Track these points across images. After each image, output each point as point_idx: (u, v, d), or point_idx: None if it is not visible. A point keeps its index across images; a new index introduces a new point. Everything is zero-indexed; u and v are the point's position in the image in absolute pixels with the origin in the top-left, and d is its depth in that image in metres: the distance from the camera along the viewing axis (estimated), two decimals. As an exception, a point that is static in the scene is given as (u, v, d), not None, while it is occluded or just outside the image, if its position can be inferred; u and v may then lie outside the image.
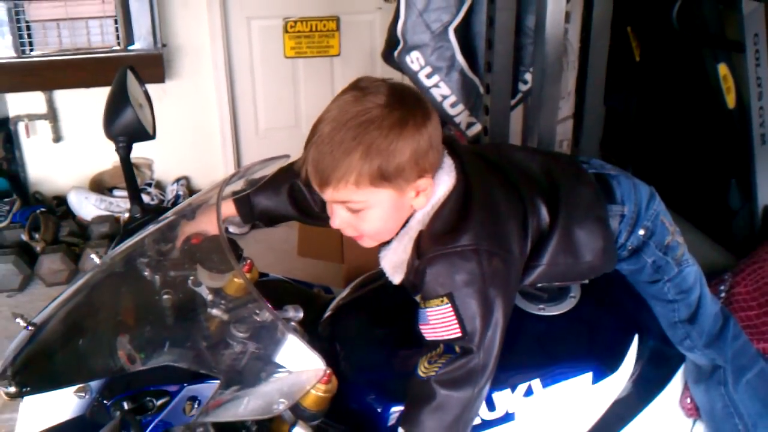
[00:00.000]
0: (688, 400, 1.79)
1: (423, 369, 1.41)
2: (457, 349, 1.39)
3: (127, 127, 1.64)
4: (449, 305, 1.37)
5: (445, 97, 2.83)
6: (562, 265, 1.55)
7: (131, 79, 1.71)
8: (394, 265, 1.48)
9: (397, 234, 1.46)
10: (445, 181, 1.42)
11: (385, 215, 1.40)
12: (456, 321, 1.37)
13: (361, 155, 1.29)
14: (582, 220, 1.55)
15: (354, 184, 1.33)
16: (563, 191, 1.55)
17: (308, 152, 1.35)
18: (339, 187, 1.33)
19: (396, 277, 1.49)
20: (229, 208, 1.67)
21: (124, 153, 1.67)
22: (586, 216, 1.55)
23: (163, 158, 4.26)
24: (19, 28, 3.67)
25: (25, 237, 3.69)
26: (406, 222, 1.44)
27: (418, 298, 1.44)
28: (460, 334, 1.37)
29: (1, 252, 3.56)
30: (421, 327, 1.42)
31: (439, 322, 1.39)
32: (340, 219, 1.41)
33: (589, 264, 1.59)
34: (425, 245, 1.41)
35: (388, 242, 1.48)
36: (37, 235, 3.69)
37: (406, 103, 1.34)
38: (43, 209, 3.87)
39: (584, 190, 1.59)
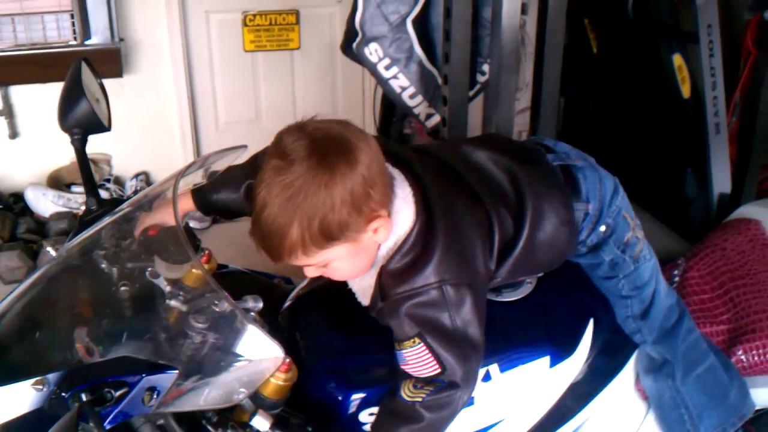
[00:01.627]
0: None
1: (408, 393, 1.42)
2: (444, 379, 1.40)
3: (81, 118, 1.62)
4: (422, 344, 1.38)
5: (404, 89, 2.84)
6: (521, 271, 1.57)
7: (86, 72, 1.69)
8: (362, 288, 1.47)
9: None
10: (404, 213, 1.38)
11: (350, 263, 1.38)
12: (433, 358, 1.38)
13: (298, 229, 1.26)
14: (546, 227, 1.54)
15: (304, 255, 1.31)
16: (529, 200, 1.52)
17: (256, 236, 1.33)
18: (293, 260, 1.33)
19: (364, 301, 1.48)
20: (187, 201, 1.65)
21: (80, 145, 1.65)
22: (551, 222, 1.54)
23: (121, 154, 4.21)
24: (-27, 24, 3.61)
25: (-19, 234, 3.64)
26: None
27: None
28: (439, 370, 1.39)
29: (-43, 250, 3.50)
30: (402, 366, 1.43)
31: (416, 361, 1.40)
32: (311, 272, 1.41)
33: (547, 264, 1.62)
34: (387, 283, 1.39)
35: None
36: (-7, 233, 3.64)
37: (328, 157, 1.26)
38: (-1, 206, 3.82)
39: (551, 196, 1.56)
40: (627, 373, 1.80)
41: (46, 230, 3.82)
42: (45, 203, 3.92)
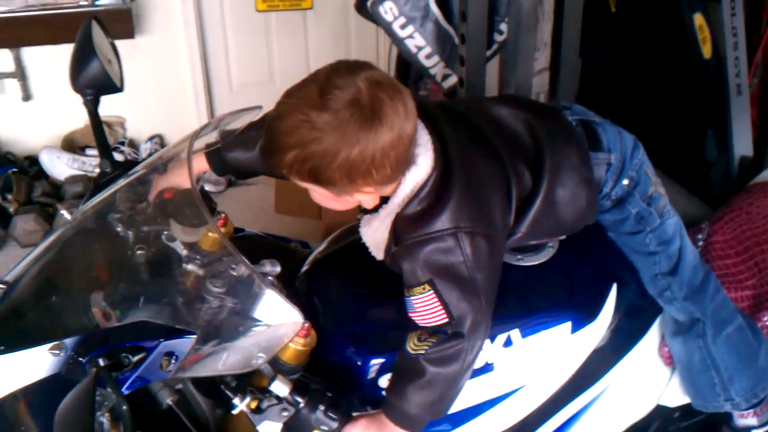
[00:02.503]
0: (667, 349, 1.79)
1: (412, 346, 1.40)
2: (448, 330, 1.38)
3: (93, 79, 1.60)
4: (431, 292, 1.36)
5: (420, 48, 2.79)
6: (543, 228, 1.54)
7: (97, 31, 1.66)
8: (375, 242, 1.46)
9: (376, 210, 1.42)
10: (423, 159, 1.36)
11: (326, 202, 1.38)
12: (441, 307, 1.36)
13: (292, 157, 1.26)
14: (566, 183, 1.52)
15: (288, 173, 1.31)
16: (548, 153, 1.51)
17: (265, 130, 1.31)
18: (278, 170, 1.31)
19: (378, 254, 1.47)
20: (201, 162, 1.63)
21: (92, 106, 1.63)
22: (570, 178, 1.52)
23: (135, 116, 4.18)
24: (-17, -16, 3.57)
25: (-4, 198, 3.63)
26: (387, 200, 1.40)
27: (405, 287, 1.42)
28: (446, 320, 1.37)
29: (-28, 214, 3.50)
30: (409, 314, 1.41)
31: (424, 309, 1.38)
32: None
33: (569, 223, 1.58)
34: (402, 229, 1.38)
35: (369, 215, 1.45)
36: (9, 196, 3.63)
37: (355, 122, 1.23)
38: (14, 169, 3.79)
39: (569, 150, 1.55)
40: (651, 338, 1.78)
41: (61, 193, 3.81)
42: (60, 166, 3.90)
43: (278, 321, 1.32)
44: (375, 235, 1.44)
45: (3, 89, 3.95)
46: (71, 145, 4.04)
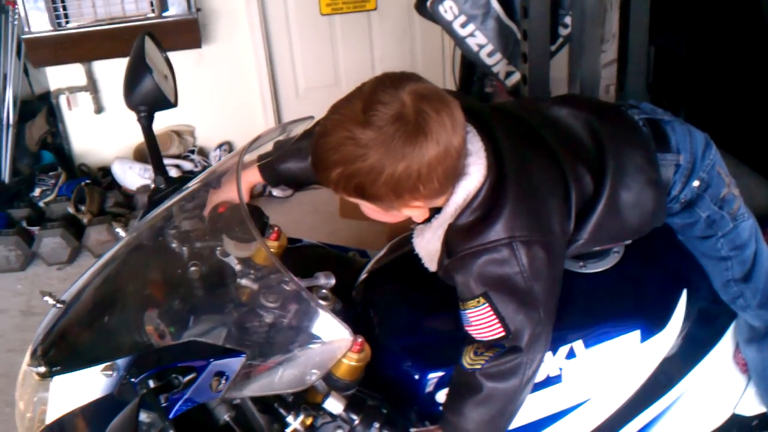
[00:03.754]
0: (742, 356, 1.70)
1: (469, 360, 1.36)
2: (506, 344, 1.34)
3: (147, 95, 1.61)
4: (487, 305, 1.31)
5: (481, 47, 2.74)
6: (606, 233, 1.48)
7: (150, 46, 1.67)
8: (428, 253, 1.42)
9: (429, 221, 1.39)
10: (475, 168, 1.31)
11: (375, 215, 1.36)
12: (497, 321, 1.32)
13: (337, 174, 1.24)
14: (630, 185, 1.46)
15: (335, 189, 1.29)
16: (611, 155, 1.45)
17: (314, 144, 1.29)
18: (326, 184, 1.29)
19: (431, 266, 1.44)
20: (254, 174, 1.63)
21: (146, 122, 1.64)
22: (634, 180, 1.46)
23: (204, 124, 4.23)
24: (54, 1, 3.65)
25: (71, 209, 3.72)
26: (439, 210, 1.36)
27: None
28: (503, 334, 1.32)
29: (48, 225, 3.59)
30: (466, 329, 1.37)
31: (480, 323, 1.34)
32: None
33: (635, 227, 1.51)
34: (454, 241, 1.34)
35: (422, 225, 1.42)
36: (83, 207, 3.72)
37: (400, 137, 1.20)
38: (88, 181, 3.89)
39: (633, 151, 1.49)
40: (725, 345, 1.70)
41: (133, 203, 3.89)
42: (132, 176, 3.98)
43: (331, 337, 1.30)
44: (428, 246, 1.41)
45: (76, 103, 4.06)
46: (142, 155, 4.11)
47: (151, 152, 1.67)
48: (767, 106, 3.24)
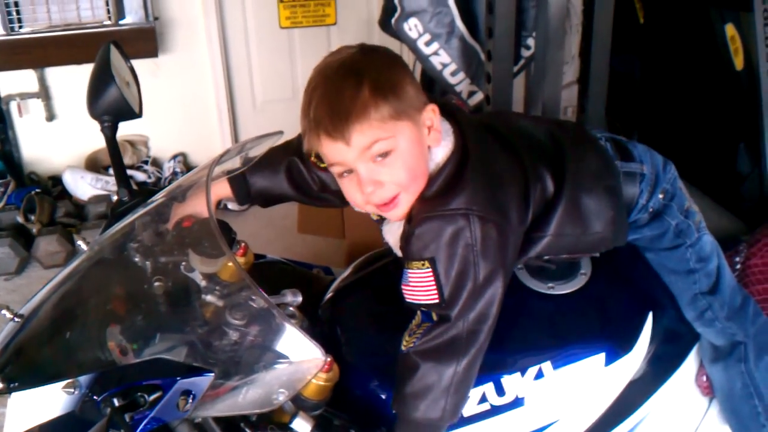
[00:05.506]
0: (704, 378, 1.73)
1: (404, 342, 1.38)
2: (435, 317, 1.34)
3: (111, 105, 1.56)
4: (429, 270, 1.32)
5: (445, 65, 2.76)
6: (570, 235, 1.49)
7: (116, 55, 1.63)
8: (397, 238, 1.42)
9: None
10: (444, 144, 1.37)
11: (413, 152, 1.32)
12: (435, 286, 1.32)
13: (371, 90, 1.26)
14: (590, 189, 1.49)
15: (378, 120, 1.27)
16: (570, 159, 1.49)
17: (314, 112, 1.29)
18: (364, 129, 1.26)
19: (399, 251, 1.44)
20: (224, 189, 1.60)
21: (110, 133, 1.59)
22: (594, 185, 1.50)
23: (158, 135, 4.18)
24: (7, 5, 3.58)
25: (20, 219, 3.63)
26: None
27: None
28: (437, 300, 1.33)
29: (-4, 235, 3.49)
30: (402, 287, 1.38)
31: (418, 285, 1.34)
32: (366, 178, 1.31)
33: (599, 235, 1.52)
34: (416, 209, 1.35)
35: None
36: (32, 217, 3.63)
37: (381, 50, 1.37)
38: (38, 190, 3.80)
39: (592, 158, 1.54)
40: (688, 367, 1.71)
41: (84, 213, 3.82)
42: (83, 186, 3.90)
43: (300, 356, 1.28)
44: (397, 231, 1.42)
45: (27, 110, 3.97)
46: (95, 165, 4.05)
47: (114, 163, 1.64)
48: (719, 130, 3.31)
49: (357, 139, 1.27)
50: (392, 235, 1.45)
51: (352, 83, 1.26)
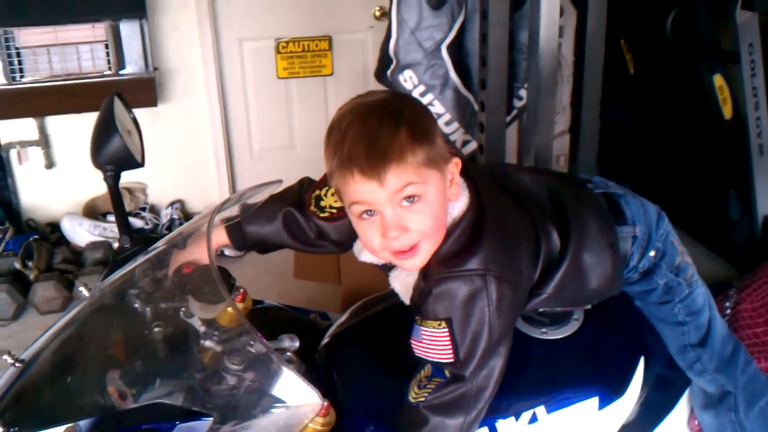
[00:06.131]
0: (696, 423, 1.74)
1: (413, 395, 1.38)
2: (447, 373, 1.35)
3: (114, 155, 1.61)
4: (446, 330, 1.32)
5: (439, 116, 2.81)
6: (568, 291, 1.51)
7: (119, 106, 1.68)
8: (406, 286, 1.43)
9: None
10: (462, 198, 1.37)
11: (439, 201, 1.30)
12: (450, 346, 1.32)
13: (408, 134, 1.24)
14: (591, 247, 1.50)
15: (413, 164, 1.24)
16: (573, 217, 1.50)
17: (349, 148, 1.25)
18: (400, 171, 1.23)
19: (407, 298, 1.44)
20: (221, 236, 1.62)
21: (113, 182, 1.63)
22: (596, 242, 1.51)
23: (156, 182, 4.21)
24: (9, 55, 3.62)
25: (18, 265, 3.63)
26: None
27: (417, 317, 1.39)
28: (452, 360, 1.33)
29: (-6, 281, 3.50)
30: (412, 341, 1.38)
31: (432, 343, 1.34)
32: (392, 222, 1.27)
33: (595, 291, 1.55)
34: (432, 267, 1.35)
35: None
36: (30, 263, 3.63)
37: (411, 97, 1.41)
38: (36, 236, 3.81)
39: (593, 216, 1.54)
40: (680, 411, 1.73)
41: (82, 260, 3.82)
42: (81, 233, 3.92)
43: (297, 401, 1.30)
44: (407, 279, 1.41)
45: (27, 157, 4.00)
46: (93, 212, 4.07)
47: (116, 211, 1.67)
48: (710, 178, 3.36)
49: (391, 180, 1.24)
50: (400, 282, 1.44)
51: (391, 124, 1.25)
